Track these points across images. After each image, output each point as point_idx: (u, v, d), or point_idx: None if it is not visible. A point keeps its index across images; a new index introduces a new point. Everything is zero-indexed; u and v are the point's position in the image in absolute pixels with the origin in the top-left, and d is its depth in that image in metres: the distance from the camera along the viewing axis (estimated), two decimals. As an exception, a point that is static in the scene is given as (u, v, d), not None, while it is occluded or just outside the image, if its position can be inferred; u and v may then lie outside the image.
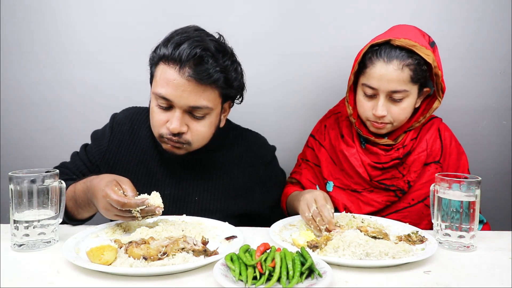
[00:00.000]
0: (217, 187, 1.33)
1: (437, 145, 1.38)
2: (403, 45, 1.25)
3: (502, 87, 1.75)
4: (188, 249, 0.95)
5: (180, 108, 1.18)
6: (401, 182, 1.35)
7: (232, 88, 1.24)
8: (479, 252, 1.05)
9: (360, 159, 1.37)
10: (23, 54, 1.72)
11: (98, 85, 1.74)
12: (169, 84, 1.15)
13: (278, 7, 1.71)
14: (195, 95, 1.16)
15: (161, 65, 1.18)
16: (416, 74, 1.26)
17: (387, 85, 1.26)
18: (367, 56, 1.30)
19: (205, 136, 1.25)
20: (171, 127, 1.18)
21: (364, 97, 1.33)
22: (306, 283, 0.81)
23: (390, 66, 1.25)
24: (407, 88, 1.27)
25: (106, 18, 1.70)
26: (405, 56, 1.25)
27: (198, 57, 1.14)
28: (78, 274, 0.88)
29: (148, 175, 1.32)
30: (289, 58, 1.73)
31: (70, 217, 1.21)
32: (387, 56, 1.26)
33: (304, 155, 1.54)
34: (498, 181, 1.79)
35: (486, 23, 1.70)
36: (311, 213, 1.13)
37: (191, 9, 1.69)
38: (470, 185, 1.06)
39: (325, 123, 1.52)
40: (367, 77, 1.29)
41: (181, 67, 1.14)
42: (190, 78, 1.14)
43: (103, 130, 1.40)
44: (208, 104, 1.19)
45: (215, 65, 1.16)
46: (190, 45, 1.14)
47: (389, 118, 1.31)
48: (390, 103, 1.30)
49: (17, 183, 1.01)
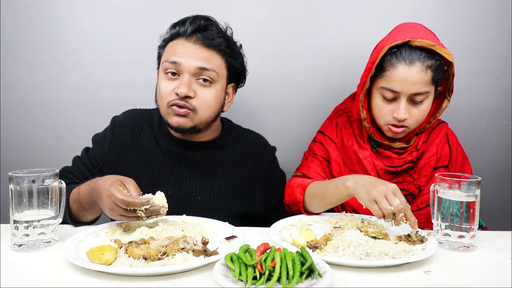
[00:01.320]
0: (220, 186, 1.34)
1: (445, 149, 1.37)
2: (423, 46, 1.22)
3: (502, 87, 1.75)
4: (188, 249, 0.95)
5: (188, 72, 1.24)
6: (412, 186, 1.34)
7: (236, 59, 1.33)
8: (479, 252, 1.05)
9: (373, 163, 1.35)
10: (23, 54, 1.72)
11: (98, 85, 1.74)
12: (177, 50, 1.26)
13: (279, 7, 1.71)
14: (202, 57, 1.25)
15: (169, 44, 1.30)
16: (437, 75, 1.24)
17: (410, 88, 1.23)
18: (385, 58, 1.26)
19: (211, 104, 1.28)
20: (179, 90, 1.23)
21: (383, 101, 1.29)
22: (306, 283, 0.81)
23: (413, 69, 1.22)
24: (428, 90, 1.25)
25: (106, 19, 1.71)
26: (426, 57, 1.22)
27: (203, 25, 1.27)
28: (78, 274, 0.88)
29: (151, 176, 1.32)
30: (289, 58, 1.73)
31: (74, 219, 1.21)
32: (409, 58, 1.22)
33: (311, 150, 1.49)
34: (498, 181, 1.79)
35: (486, 23, 1.71)
36: (395, 207, 1.04)
37: (191, 9, 1.68)
38: (470, 185, 1.06)
39: (336, 121, 1.47)
40: (388, 81, 1.25)
41: (188, 36, 1.26)
42: (197, 42, 1.25)
43: (104, 133, 1.40)
44: (215, 68, 1.26)
45: (218, 32, 1.28)
46: (195, 18, 1.28)
47: (408, 121, 1.28)
48: (410, 106, 1.27)
49: (17, 183, 1.01)
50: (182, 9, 1.68)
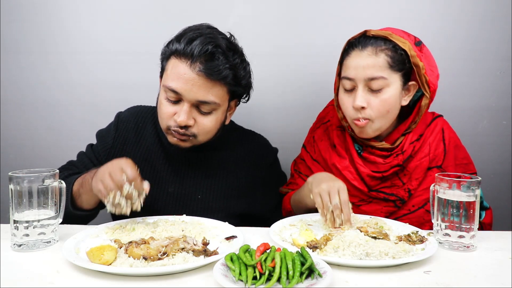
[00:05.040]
0: (220, 186, 1.34)
1: (440, 148, 1.32)
2: (378, 35, 1.23)
3: (502, 87, 1.75)
4: (188, 249, 0.95)
5: (188, 101, 1.20)
6: (401, 191, 1.30)
7: (240, 86, 1.27)
8: (479, 252, 1.05)
9: (354, 171, 1.33)
10: (23, 54, 1.72)
11: (98, 85, 1.74)
12: (179, 78, 1.19)
13: (279, 8, 1.71)
14: (204, 90, 1.19)
15: (172, 59, 1.22)
16: (394, 59, 1.22)
17: (362, 72, 1.22)
18: (345, 53, 1.29)
19: (211, 131, 1.27)
20: (179, 120, 1.20)
21: (344, 93, 1.29)
22: (306, 283, 0.81)
23: (364, 52, 1.22)
24: (384, 75, 1.21)
25: (106, 18, 1.71)
26: (380, 42, 1.22)
27: (209, 53, 1.17)
28: (78, 274, 0.88)
29: (152, 173, 1.33)
30: (290, 58, 1.73)
31: (73, 204, 1.22)
32: (362, 45, 1.23)
33: (297, 167, 1.49)
34: (498, 181, 1.79)
35: (486, 23, 1.70)
36: (332, 204, 1.10)
37: (192, 9, 1.69)
38: (470, 185, 1.06)
39: (313, 134, 1.47)
40: (344, 70, 1.27)
41: (192, 62, 1.17)
42: (200, 73, 1.17)
43: (108, 128, 1.41)
44: (216, 99, 1.21)
45: (225, 62, 1.19)
46: (203, 41, 1.18)
47: (369, 112, 1.24)
48: (369, 95, 1.24)
49: (17, 183, 1.01)
50: (184, 9, 1.68)
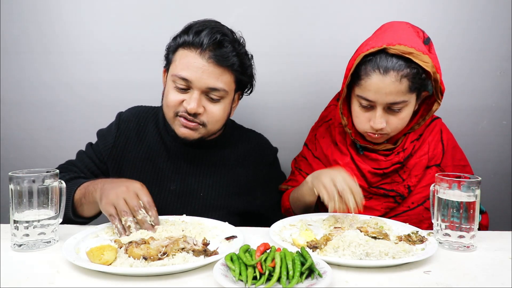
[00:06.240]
0: (222, 184, 1.35)
1: (439, 148, 1.34)
2: (399, 53, 1.17)
3: (502, 87, 1.75)
4: (188, 249, 0.95)
5: (198, 89, 1.23)
6: (401, 187, 1.32)
7: (246, 75, 1.31)
8: (479, 252, 1.05)
9: (356, 168, 1.33)
10: (23, 54, 1.72)
11: (98, 85, 1.74)
12: (190, 66, 1.22)
13: (279, 8, 1.71)
14: (214, 76, 1.22)
15: (180, 50, 1.25)
16: (415, 83, 1.19)
17: (385, 98, 1.20)
18: (361, 66, 1.22)
19: (219, 119, 1.29)
20: (189, 107, 1.22)
21: (360, 108, 1.26)
22: (306, 283, 0.81)
23: (387, 78, 1.17)
24: (405, 99, 1.21)
25: (107, 18, 1.71)
26: (402, 65, 1.17)
27: (218, 41, 1.22)
28: (78, 274, 0.88)
29: (154, 171, 1.34)
30: (290, 58, 1.73)
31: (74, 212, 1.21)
32: (383, 67, 1.18)
33: (298, 164, 1.49)
34: (498, 181, 1.79)
35: (486, 23, 1.71)
36: (339, 188, 1.08)
37: (192, 9, 1.69)
38: (470, 185, 1.06)
39: (315, 132, 1.47)
40: (363, 90, 1.22)
41: (202, 50, 1.21)
42: (210, 60, 1.21)
43: (109, 128, 1.41)
44: (225, 86, 1.25)
45: (232, 50, 1.25)
46: (210, 31, 1.23)
47: (387, 129, 1.25)
48: (388, 114, 1.24)
49: (17, 183, 1.01)
50: (185, 9, 1.68)
